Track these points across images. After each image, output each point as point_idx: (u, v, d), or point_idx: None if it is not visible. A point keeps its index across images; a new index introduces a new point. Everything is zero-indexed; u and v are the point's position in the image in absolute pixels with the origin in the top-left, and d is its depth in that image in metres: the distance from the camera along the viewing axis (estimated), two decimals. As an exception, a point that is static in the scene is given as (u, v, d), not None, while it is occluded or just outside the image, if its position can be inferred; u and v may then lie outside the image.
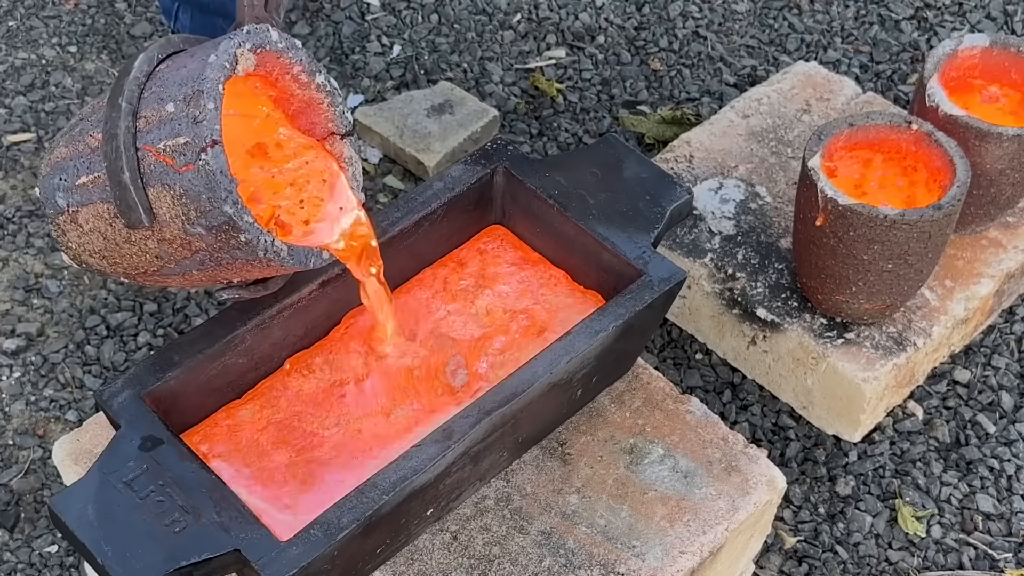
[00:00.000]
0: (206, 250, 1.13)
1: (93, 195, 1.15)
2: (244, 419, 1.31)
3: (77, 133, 1.18)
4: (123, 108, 1.10)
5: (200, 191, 1.08)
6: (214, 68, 1.09)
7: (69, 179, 1.17)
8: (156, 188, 1.10)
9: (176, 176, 1.09)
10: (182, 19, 2.02)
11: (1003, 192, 1.72)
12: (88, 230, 1.18)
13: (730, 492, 1.39)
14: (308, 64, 1.20)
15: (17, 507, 1.66)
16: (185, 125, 1.08)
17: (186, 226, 1.11)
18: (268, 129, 1.23)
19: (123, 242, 1.16)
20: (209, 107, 1.07)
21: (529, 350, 1.35)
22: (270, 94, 1.22)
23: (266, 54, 1.16)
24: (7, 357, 1.81)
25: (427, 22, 2.31)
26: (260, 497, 1.24)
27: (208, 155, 1.07)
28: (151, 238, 1.14)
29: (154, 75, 1.13)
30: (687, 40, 2.30)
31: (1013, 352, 1.86)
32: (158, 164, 1.10)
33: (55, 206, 1.19)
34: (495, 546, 1.33)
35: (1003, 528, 1.69)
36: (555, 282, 1.43)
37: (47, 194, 1.20)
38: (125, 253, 1.17)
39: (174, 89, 1.10)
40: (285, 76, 1.20)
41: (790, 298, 1.74)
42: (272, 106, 1.23)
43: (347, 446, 1.29)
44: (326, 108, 1.24)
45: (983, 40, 1.75)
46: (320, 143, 1.25)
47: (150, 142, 1.10)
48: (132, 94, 1.11)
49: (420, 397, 1.33)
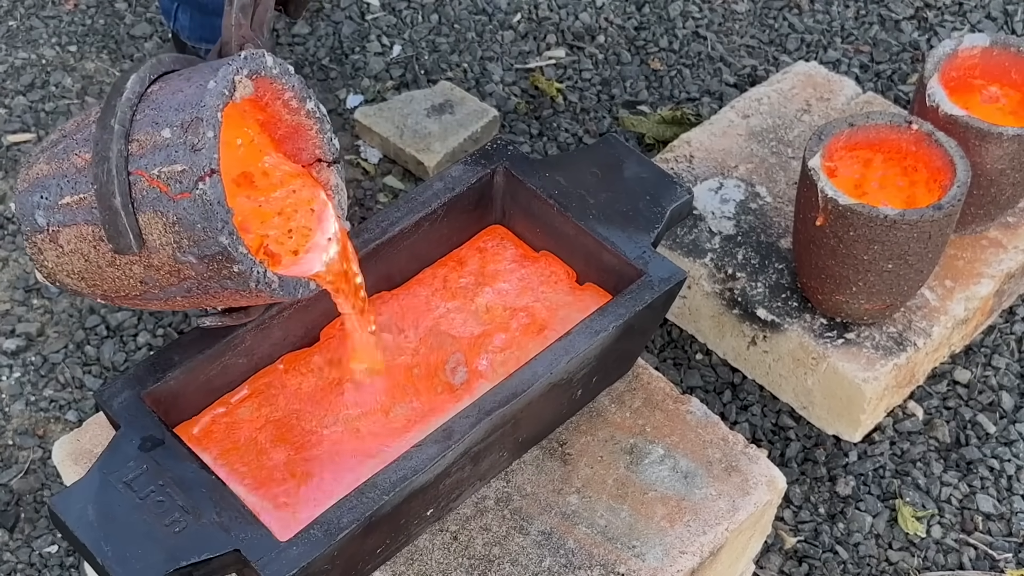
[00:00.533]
0: (195, 278, 1.11)
1: (77, 216, 1.12)
2: (243, 417, 1.30)
3: (61, 151, 1.14)
4: (115, 130, 1.07)
5: (195, 220, 1.06)
6: (213, 95, 1.07)
7: (51, 198, 1.13)
8: (147, 214, 1.08)
9: (170, 203, 1.07)
10: (181, 19, 2.02)
11: (1003, 192, 1.72)
12: (69, 251, 1.14)
13: (730, 492, 1.39)
14: (300, 90, 1.19)
15: (17, 507, 1.66)
16: (182, 152, 1.06)
17: (177, 254, 1.09)
18: (253, 156, 1.21)
19: (106, 265, 1.13)
20: (208, 135, 1.06)
21: (529, 348, 1.35)
22: (257, 118, 1.21)
23: (260, 79, 1.14)
24: (7, 357, 1.81)
25: (427, 22, 2.31)
26: (258, 495, 1.24)
27: (206, 184, 1.05)
28: (137, 263, 1.12)
29: (147, 96, 1.11)
30: (687, 40, 2.30)
31: (1013, 352, 1.86)
32: (151, 190, 1.07)
33: (33, 224, 1.15)
34: (495, 546, 1.33)
35: (1003, 528, 1.69)
36: (555, 279, 1.43)
37: (25, 210, 1.16)
38: (107, 276, 1.15)
39: (171, 114, 1.08)
40: (276, 101, 1.19)
41: (790, 298, 1.74)
42: (258, 130, 1.22)
43: (346, 444, 1.29)
44: (314, 135, 1.23)
45: (983, 40, 1.75)
46: (306, 169, 1.24)
47: (143, 167, 1.08)
48: (125, 116, 1.08)
49: (420, 395, 1.33)
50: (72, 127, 1.16)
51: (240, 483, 1.25)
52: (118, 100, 1.09)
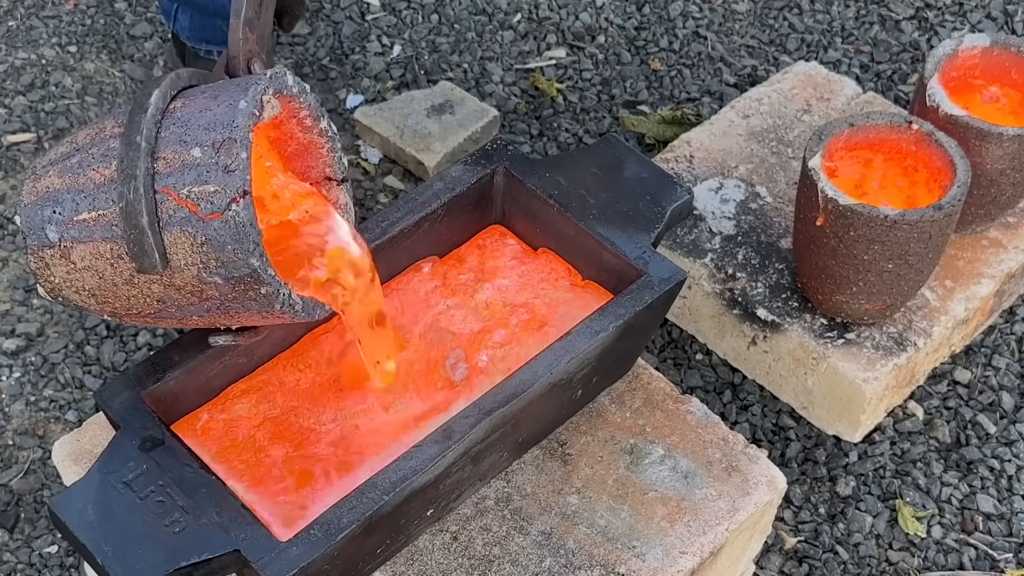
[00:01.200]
0: (218, 299, 1.11)
1: (95, 233, 1.10)
2: (240, 414, 1.30)
3: (75, 164, 1.12)
4: (142, 147, 1.06)
5: (226, 241, 1.06)
6: (244, 115, 1.06)
7: (66, 213, 1.11)
8: (174, 233, 1.07)
9: (199, 223, 1.06)
10: (181, 20, 2.02)
11: (1003, 192, 1.72)
12: (82, 267, 1.13)
13: (730, 492, 1.39)
14: (315, 109, 1.19)
15: (17, 507, 1.66)
16: (214, 173, 1.05)
17: (202, 274, 1.08)
18: (261, 177, 1.21)
19: (123, 283, 1.12)
20: (242, 156, 1.05)
21: (529, 344, 1.35)
22: (269, 135, 1.21)
23: (281, 98, 1.14)
24: (7, 357, 1.81)
25: (427, 22, 2.31)
26: (257, 493, 1.24)
27: (239, 206, 1.05)
28: (157, 282, 1.11)
29: (170, 113, 1.10)
30: (687, 40, 2.30)
31: (1014, 352, 1.86)
32: (179, 209, 1.06)
33: (42, 238, 1.13)
34: (495, 546, 1.33)
35: (1003, 528, 1.69)
36: (555, 276, 1.43)
37: (33, 224, 1.13)
38: (121, 294, 1.13)
39: (200, 133, 1.07)
40: (291, 120, 1.19)
41: (790, 298, 1.74)
42: (268, 146, 1.21)
43: (345, 441, 1.28)
44: (325, 153, 1.22)
45: (983, 40, 1.74)
46: (315, 187, 1.24)
47: (171, 185, 1.06)
48: (150, 133, 1.07)
49: (419, 391, 1.32)
50: (85, 140, 1.14)
51: (238, 480, 1.25)
52: (142, 116, 1.07)
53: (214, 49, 2.04)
